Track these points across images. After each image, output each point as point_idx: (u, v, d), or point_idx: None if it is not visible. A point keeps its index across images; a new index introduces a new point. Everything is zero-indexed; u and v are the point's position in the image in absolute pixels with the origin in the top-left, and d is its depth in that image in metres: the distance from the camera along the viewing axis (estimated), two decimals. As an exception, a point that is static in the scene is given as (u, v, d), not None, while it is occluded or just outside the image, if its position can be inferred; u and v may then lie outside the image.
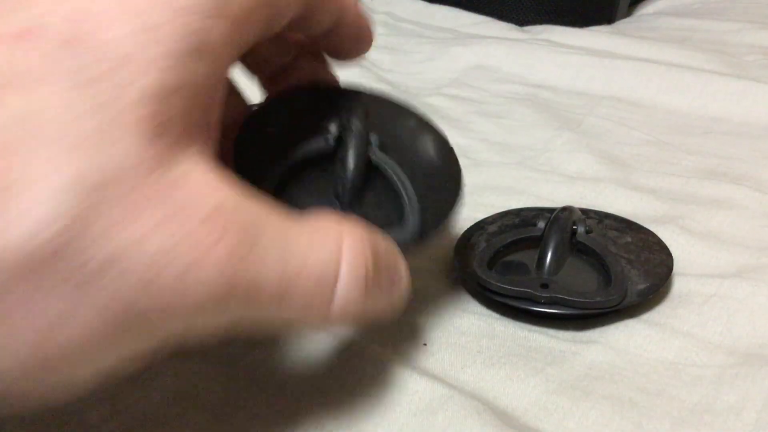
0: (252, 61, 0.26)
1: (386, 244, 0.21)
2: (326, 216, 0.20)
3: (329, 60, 0.27)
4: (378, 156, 0.25)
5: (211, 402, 0.25)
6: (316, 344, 0.28)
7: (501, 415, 0.24)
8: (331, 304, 0.19)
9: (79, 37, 0.15)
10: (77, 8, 0.16)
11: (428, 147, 0.26)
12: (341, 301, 0.19)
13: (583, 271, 0.30)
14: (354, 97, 0.27)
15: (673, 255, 0.31)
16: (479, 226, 0.35)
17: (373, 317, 0.21)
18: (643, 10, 0.74)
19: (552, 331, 0.29)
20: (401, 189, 0.24)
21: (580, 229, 0.31)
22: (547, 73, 0.57)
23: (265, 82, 0.28)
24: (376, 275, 0.20)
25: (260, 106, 0.26)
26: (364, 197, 0.24)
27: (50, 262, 0.14)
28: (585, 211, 0.34)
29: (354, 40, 0.25)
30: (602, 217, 0.34)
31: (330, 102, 0.26)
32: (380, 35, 0.69)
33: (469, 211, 0.36)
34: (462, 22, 0.71)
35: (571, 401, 0.25)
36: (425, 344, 0.28)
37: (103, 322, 0.15)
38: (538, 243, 0.31)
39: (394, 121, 0.27)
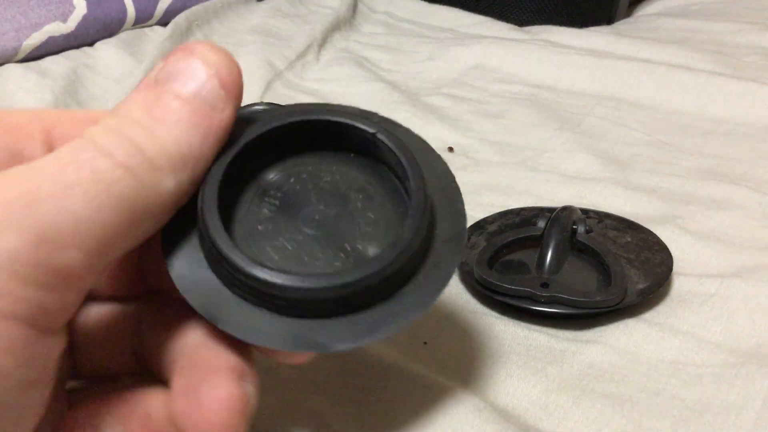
0: None
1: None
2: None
3: None
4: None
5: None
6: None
7: (501, 413, 0.24)
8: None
9: None
10: None
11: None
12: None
13: (583, 270, 0.30)
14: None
15: (672, 255, 0.31)
16: (479, 226, 0.35)
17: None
18: (642, 11, 0.74)
19: (552, 331, 0.29)
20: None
21: (580, 229, 0.32)
22: (546, 73, 0.57)
23: None
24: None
25: None
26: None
27: None
28: (585, 211, 0.34)
29: None
30: (602, 216, 0.34)
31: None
32: (380, 35, 0.69)
33: (469, 211, 0.36)
34: (462, 22, 0.71)
35: (571, 400, 0.25)
36: (425, 342, 0.28)
37: None
38: (538, 242, 0.31)
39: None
